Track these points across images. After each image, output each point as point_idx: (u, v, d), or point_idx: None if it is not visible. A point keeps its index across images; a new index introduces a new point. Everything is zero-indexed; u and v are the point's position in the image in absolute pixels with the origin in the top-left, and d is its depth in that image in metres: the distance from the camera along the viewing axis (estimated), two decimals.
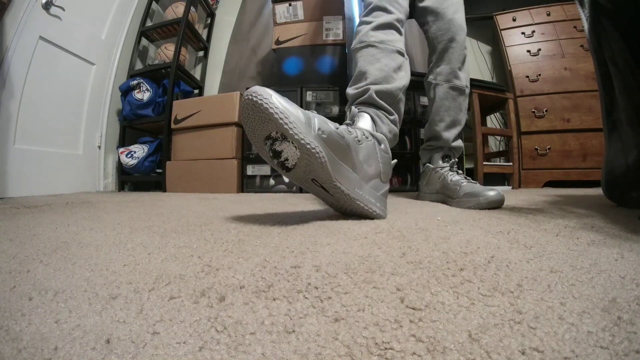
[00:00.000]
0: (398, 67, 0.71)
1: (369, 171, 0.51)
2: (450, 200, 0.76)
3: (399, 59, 0.72)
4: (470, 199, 0.69)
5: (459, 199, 0.72)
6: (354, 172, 0.49)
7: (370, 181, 0.51)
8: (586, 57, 1.74)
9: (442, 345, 0.16)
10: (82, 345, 0.16)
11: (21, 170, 1.33)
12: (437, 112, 0.89)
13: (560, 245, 0.34)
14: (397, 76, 0.70)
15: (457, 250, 0.32)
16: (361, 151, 0.50)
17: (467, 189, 0.71)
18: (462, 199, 0.71)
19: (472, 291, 0.22)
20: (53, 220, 0.56)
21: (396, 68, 0.71)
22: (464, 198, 0.70)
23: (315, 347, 0.16)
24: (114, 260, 0.30)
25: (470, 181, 0.76)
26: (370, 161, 0.51)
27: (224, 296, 0.22)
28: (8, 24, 1.29)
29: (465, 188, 0.72)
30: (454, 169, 0.84)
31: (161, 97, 1.87)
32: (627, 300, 0.20)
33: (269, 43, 2.16)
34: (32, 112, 1.39)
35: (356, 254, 0.31)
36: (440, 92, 0.88)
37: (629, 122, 0.59)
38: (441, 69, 0.87)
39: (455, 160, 0.86)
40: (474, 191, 0.69)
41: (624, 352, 0.15)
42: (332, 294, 0.22)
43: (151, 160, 1.85)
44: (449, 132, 0.88)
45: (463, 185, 0.73)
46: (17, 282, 0.25)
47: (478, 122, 1.77)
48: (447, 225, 0.48)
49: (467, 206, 0.68)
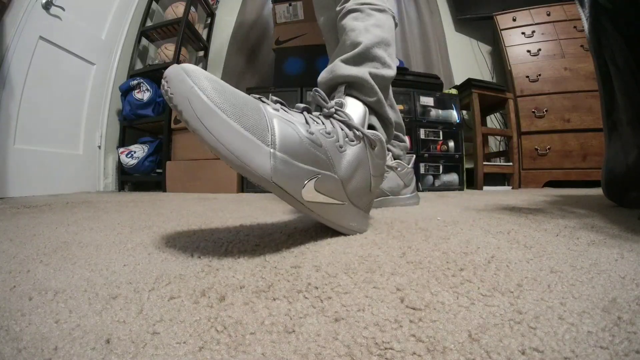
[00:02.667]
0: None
1: (351, 185, 0.36)
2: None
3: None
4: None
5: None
6: (341, 200, 0.36)
7: (354, 198, 0.37)
8: (586, 57, 1.74)
9: (442, 345, 0.16)
10: (82, 345, 0.16)
11: (21, 170, 1.33)
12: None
13: (560, 245, 0.34)
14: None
15: (457, 250, 0.32)
16: (344, 160, 0.34)
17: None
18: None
19: (472, 291, 0.22)
20: (53, 220, 0.56)
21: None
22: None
23: (315, 347, 0.16)
24: (114, 260, 0.30)
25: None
26: (356, 173, 0.36)
27: (224, 296, 0.22)
28: (8, 24, 1.28)
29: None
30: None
31: (161, 97, 1.87)
32: (627, 300, 0.20)
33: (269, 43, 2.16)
34: (32, 112, 1.39)
35: (356, 254, 0.31)
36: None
37: (629, 122, 0.59)
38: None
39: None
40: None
41: (624, 352, 0.15)
42: (332, 294, 0.22)
43: (151, 160, 1.85)
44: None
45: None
46: (17, 282, 0.25)
47: (478, 122, 1.77)
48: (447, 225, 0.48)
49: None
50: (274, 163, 0.28)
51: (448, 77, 2.25)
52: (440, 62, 2.28)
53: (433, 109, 1.71)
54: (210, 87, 0.27)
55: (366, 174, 0.37)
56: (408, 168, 0.85)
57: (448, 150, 1.69)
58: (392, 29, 0.49)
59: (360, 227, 0.40)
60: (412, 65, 2.22)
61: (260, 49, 2.31)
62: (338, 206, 0.35)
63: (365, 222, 0.41)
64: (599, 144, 1.66)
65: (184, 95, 0.26)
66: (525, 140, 1.82)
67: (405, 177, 0.84)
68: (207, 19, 2.40)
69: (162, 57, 1.97)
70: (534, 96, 1.82)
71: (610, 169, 0.65)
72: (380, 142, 0.38)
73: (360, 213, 0.40)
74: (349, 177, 0.35)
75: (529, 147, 1.81)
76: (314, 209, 0.33)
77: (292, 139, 0.30)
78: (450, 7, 2.40)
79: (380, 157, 0.39)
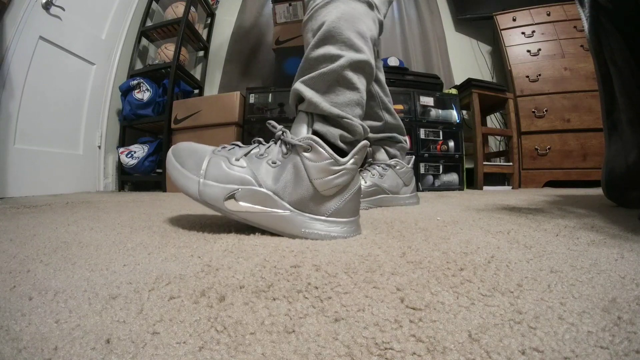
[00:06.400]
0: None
1: (289, 194, 0.39)
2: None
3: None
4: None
5: None
6: (281, 209, 0.39)
7: (306, 208, 0.39)
8: (586, 57, 1.74)
9: (442, 345, 0.16)
10: (82, 345, 0.16)
11: (21, 170, 1.33)
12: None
13: (560, 245, 0.34)
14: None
15: (457, 250, 0.32)
16: (271, 174, 0.40)
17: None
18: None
19: (472, 291, 0.22)
20: (53, 220, 0.56)
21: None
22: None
23: (315, 347, 0.16)
24: (114, 260, 0.30)
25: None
26: (288, 182, 0.39)
27: (224, 296, 0.22)
28: (8, 24, 1.28)
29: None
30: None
31: (161, 97, 1.87)
32: (627, 300, 0.20)
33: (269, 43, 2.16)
34: (32, 112, 1.39)
35: (356, 254, 0.31)
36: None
37: (629, 122, 0.59)
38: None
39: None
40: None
41: (624, 352, 0.15)
42: (332, 294, 0.22)
43: (151, 160, 1.85)
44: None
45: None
46: (17, 282, 0.25)
47: (478, 122, 1.77)
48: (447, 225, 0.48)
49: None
50: (200, 187, 0.41)
51: (448, 77, 2.25)
52: (440, 62, 2.27)
53: (433, 109, 1.71)
54: (174, 153, 0.44)
55: (302, 180, 0.39)
56: (407, 167, 0.85)
57: (448, 150, 1.69)
58: (343, 10, 0.44)
59: (327, 233, 0.39)
60: (412, 65, 2.22)
61: (260, 49, 2.31)
62: (279, 215, 0.40)
63: (339, 228, 0.40)
64: (599, 144, 1.66)
65: (167, 160, 0.45)
66: (525, 140, 1.82)
67: (404, 176, 0.84)
68: (207, 19, 2.40)
69: (162, 57, 1.97)
70: (534, 96, 1.82)
71: (611, 169, 0.65)
72: (315, 143, 0.38)
73: (322, 219, 0.40)
74: (283, 188, 0.40)
75: (529, 147, 1.81)
76: (247, 217, 0.40)
77: (218, 169, 0.41)
78: (450, 7, 2.40)
79: (318, 159, 0.38)
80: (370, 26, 0.48)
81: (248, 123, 1.66)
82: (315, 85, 0.43)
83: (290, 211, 0.39)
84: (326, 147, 0.39)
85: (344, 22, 0.44)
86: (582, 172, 1.71)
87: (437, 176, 1.68)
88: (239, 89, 1.80)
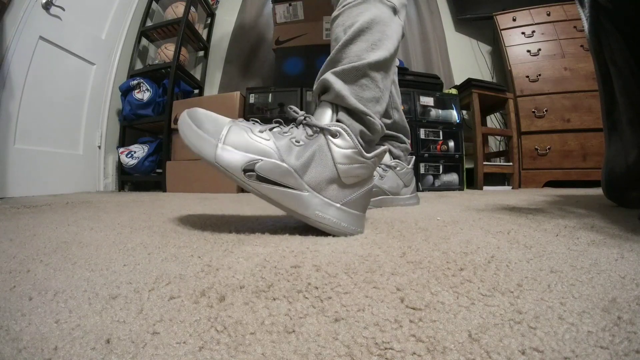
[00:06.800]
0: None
1: (310, 174, 0.40)
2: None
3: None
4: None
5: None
6: (299, 189, 0.39)
7: (324, 191, 0.40)
8: (586, 57, 1.74)
9: (442, 345, 0.16)
10: (82, 345, 0.16)
11: (21, 170, 1.33)
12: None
13: (560, 245, 0.34)
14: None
15: (457, 250, 0.32)
16: (295, 151, 0.40)
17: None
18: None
19: (472, 291, 0.22)
20: (53, 220, 0.56)
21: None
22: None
23: (315, 347, 0.16)
24: (114, 260, 0.30)
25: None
26: (313, 162, 0.40)
27: (224, 296, 0.22)
28: (8, 24, 1.28)
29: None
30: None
31: (161, 97, 1.87)
32: (627, 300, 0.20)
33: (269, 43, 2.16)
34: (32, 112, 1.39)
35: (356, 254, 0.31)
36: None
37: (629, 122, 0.59)
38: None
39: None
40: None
41: (624, 352, 0.15)
42: (332, 294, 0.22)
43: (151, 160, 1.85)
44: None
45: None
46: (17, 282, 0.25)
47: (478, 122, 1.77)
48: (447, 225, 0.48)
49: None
50: (218, 151, 0.39)
51: (448, 77, 2.25)
52: (440, 62, 2.27)
53: (433, 109, 1.71)
54: (190, 115, 0.42)
55: (326, 162, 0.40)
56: (407, 168, 0.85)
57: (448, 150, 1.69)
58: (375, 13, 0.48)
59: (338, 222, 0.40)
60: (412, 65, 2.22)
61: (260, 49, 2.31)
62: (296, 194, 0.39)
63: (349, 219, 0.41)
64: (599, 144, 1.66)
65: (180, 119, 0.43)
66: (525, 140, 1.82)
67: (405, 177, 0.84)
68: (207, 19, 2.40)
69: (162, 57, 1.97)
70: (534, 96, 1.82)
71: (611, 169, 0.65)
72: (344, 131, 0.41)
73: (337, 206, 0.40)
74: (304, 166, 0.40)
75: (529, 147, 1.81)
76: (262, 190, 0.39)
77: (239, 137, 0.40)
78: (450, 7, 2.40)
79: (345, 146, 0.41)
80: (396, 30, 0.51)
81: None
82: (345, 76, 0.45)
83: (307, 191, 0.39)
84: (353, 137, 0.41)
85: (375, 24, 0.47)
86: (582, 172, 1.71)
87: (437, 176, 1.68)
88: (239, 89, 1.80)
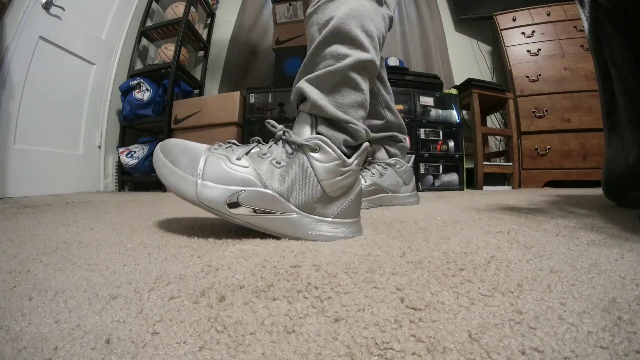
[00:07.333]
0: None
1: (296, 196, 0.38)
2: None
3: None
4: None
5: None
6: (287, 212, 0.38)
7: (312, 210, 0.38)
8: (586, 57, 1.74)
9: (442, 345, 0.16)
10: (82, 345, 0.16)
11: (21, 170, 1.33)
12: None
13: (560, 245, 0.34)
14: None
15: (457, 250, 0.32)
16: (277, 174, 0.38)
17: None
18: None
19: (472, 291, 0.22)
20: (53, 220, 0.56)
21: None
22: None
23: (315, 347, 0.16)
24: (114, 260, 0.30)
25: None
26: (296, 183, 0.38)
27: (224, 296, 0.22)
28: (8, 24, 1.28)
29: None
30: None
31: (161, 97, 1.87)
32: (627, 300, 0.20)
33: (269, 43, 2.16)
34: (32, 112, 1.39)
35: (356, 254, 0.31)
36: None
37: (629, 122, 0.59)
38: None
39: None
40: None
41: (624, 352, 0.15)
42: (332, 294, 0.22)
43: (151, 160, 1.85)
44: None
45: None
46: (17, 282, 0.25)
47: (478, 122, 1.77)
48: (447, 225, 0.48)
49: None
50: (198, 189, 0.37)
51: (448, 77, 2.25)
52: (440, 62, 2.27)
53: (433, 109, 1.71)
54: (163, 150, 0.40)
55: (310, 181, 0.38)
56: (407, 166, 0.85)
57: (448, 150, 1.69)
58: (352, 6, 0.43)
59: (334, 235, 0.39)
60: (412, 65, 2.22)
61: (260, 49, 2.31)
62: (285, 219, 0.38)
63: (344, 229, 0.40)
64: (599, 144, 1.66)
65: (155, 158, 0.41)
66: (525, 140, 1.82)
67: (404, 174, 0.84)
68: (207, 19, 2.40)
69: (162, 57, 1.97)
70: (534, 96, 1.82)
71: (611, 169, 0.65)
72: (324, 143, 0.38)
73: (329, 221, 0.39)
74: (288, 190, 0.38)
75: (529, 147, 1.81)
76: (251, 221, 0.38)
77: (217, 169, 0.38)
78: (450, 7, 2.40)
79: (327, 160, 0.38)
80: (378, 24, 0.46)
81: (248, 123, 1.66)
82: (320, 83, 0.41)
83: (296, 213, 0.38)
84: (335, 148, 0.39)
85: (352, 19, 0.42)
86: (582, 172, 1.71)
87: (437, 176, 1.68)
88: (239, 89, 1.80)
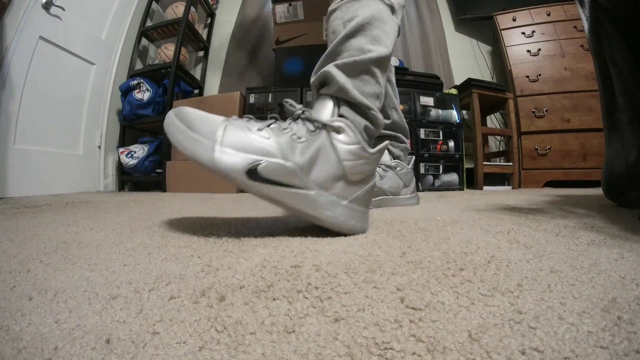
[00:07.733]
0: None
1: (315, 172, 0.38)
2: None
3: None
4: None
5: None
6: (305, 187, 0.38)
7: (331, 189, 0.39)
8: (586, 57, 1.74)
9: (442, 345, 0.16)
10: (82, 345, 0.16)
11: (21, 170, 1.33)
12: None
13: (560, 245, 0.34)
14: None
15: (457, 250, 0.32)
16: (298, 148, 0.38)
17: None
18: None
19: (472, 291, 0.22)
20: (53, 220, 0.56)
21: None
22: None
23: (315, 347, 0.16)
24: (114, 260, 0.30)
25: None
26: (318, 159, 0.38)
27: (224, 296, 0.22)
28: (8, 24, 1.29)
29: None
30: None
31: (161, 97, 1.87)
32: (627, 300, 0.20)
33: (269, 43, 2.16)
34: (32, 112, 1.39)
35: (356, 254, 0.31)
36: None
37: (629, 122, 0.59)
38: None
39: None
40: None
41: (624, 352, 0.15)
42: (332, 294, 0.22)
43: (151, 160, 1.85)
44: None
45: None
46: (17, 282, 0.25)
47: (478, 122, 1.77)
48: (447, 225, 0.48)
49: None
50: (216, 154, 0.36)
51: (448, 77, 2.25)
52: (440, 62, 2.27)
53: (433, 109, 1.71)
54: (178, 115, 0.39)
55: (331, 159, 0.39)
56: (407, 168, 0.85)
57: (448, 150, 1.69)
58: (374, 9, 0.48)
59: (346, 220, 0.40)
60: (412, 65, 2.22)
61: (260, 49, 2.31)
62: (303, 194, 0.38)
63: (356, 216, 0.41)
64: (599, 144, 1.66)
65: (167, 121, 0.39)
66: (525, 140, 1.82)
67: (405, 177, 0.84)
68: (207, 19, 2.40)
69: (162, 57, 1.97)
70: (534, 96, 1.82)
71: (610, 169, 0.65)
72: (347, 127, 0.40)
73: (343, 204, 0.40)
74: (309, 164, 0.38)
75: (529, 147, 1.81)
76: (268, 193, 0.37)
77: (237, 137, 0.37)
78: (450, 7, 2.40)
79: (350, 142, 0.40)
80: (393, 28, 0.51)
81: None
82: (347, 70, 0.44)
83: (315, 190, 0.38)
84: (357, 132, 0.40)
85: (375, 20, 0.46)
86: (582, 172, 1.71)
87: (437, 176, 1.68)
88: (239, 89, 1.80)
